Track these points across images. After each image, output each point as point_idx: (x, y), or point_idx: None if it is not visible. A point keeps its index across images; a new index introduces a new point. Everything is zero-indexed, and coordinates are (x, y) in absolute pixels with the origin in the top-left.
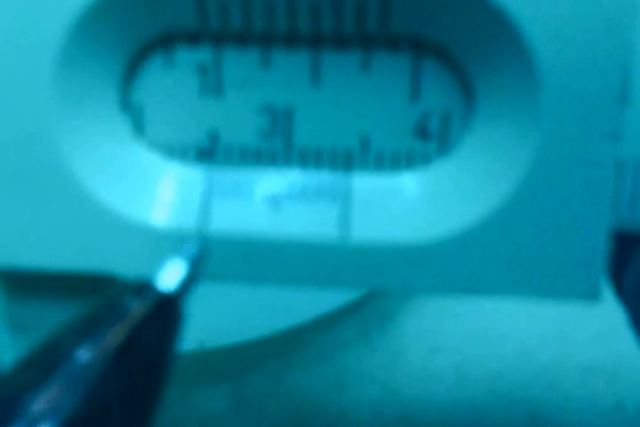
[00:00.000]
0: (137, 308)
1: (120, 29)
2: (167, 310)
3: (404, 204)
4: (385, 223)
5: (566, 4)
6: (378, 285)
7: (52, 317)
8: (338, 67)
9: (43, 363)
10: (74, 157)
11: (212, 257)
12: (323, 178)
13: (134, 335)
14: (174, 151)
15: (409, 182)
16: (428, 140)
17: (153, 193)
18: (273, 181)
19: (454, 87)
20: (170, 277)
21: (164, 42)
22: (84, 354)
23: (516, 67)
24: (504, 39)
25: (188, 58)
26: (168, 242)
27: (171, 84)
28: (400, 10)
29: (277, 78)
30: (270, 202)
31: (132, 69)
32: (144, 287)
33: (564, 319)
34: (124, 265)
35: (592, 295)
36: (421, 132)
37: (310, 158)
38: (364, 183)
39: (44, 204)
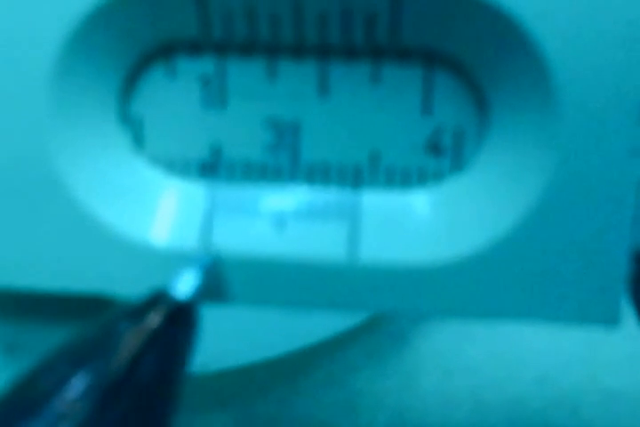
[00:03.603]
0: (152, 316)
1: (119, 38)
2: (182, 318)
3: (416, 223)
4: (395, 243)
5: (583, 16)
6: (387, 307)
7: (44, 336)
8: (347, 79)
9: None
10: (70, 172)
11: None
12: (330, 195)
13: (150, 344)
14: (175, 166)
15: (420, 200)
16: (441, 157)
17: (153, 210)
18: (278, 199)
19: (468, 101)
20: (184, 285)
21: (166, 51)
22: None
23: (532, 80)
24: (519, 52)
25: (190, 68)
26: (168, 262)
27: (172, 96)
28: (411, 21)
29: (283, 90)
30: (275, 220)
31: (131, 80)
32: (159, 296)
33: (586, 342)
34: (122, 286)
35: (611, 320)
36: (434, 147)
37: (318, 175)
38: (374, 201)
39: (40, 221)
